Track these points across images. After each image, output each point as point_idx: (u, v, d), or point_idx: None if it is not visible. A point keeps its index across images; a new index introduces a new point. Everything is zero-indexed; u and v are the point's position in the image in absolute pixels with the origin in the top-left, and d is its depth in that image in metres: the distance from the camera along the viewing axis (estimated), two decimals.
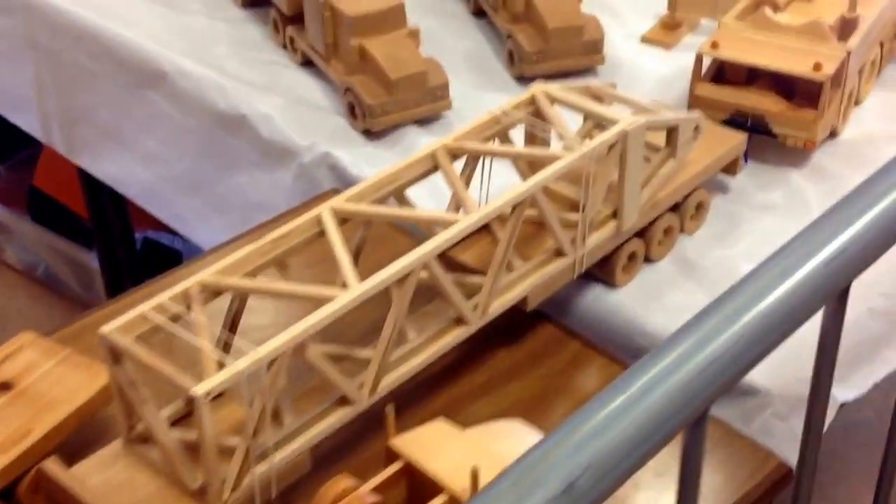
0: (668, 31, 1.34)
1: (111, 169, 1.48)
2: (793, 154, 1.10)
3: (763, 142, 1.10)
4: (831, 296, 0.64)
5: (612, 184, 0.90)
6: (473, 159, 0.88)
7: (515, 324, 0.93)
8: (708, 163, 1.01)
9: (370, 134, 1.17)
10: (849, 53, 1.06)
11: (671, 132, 0.94)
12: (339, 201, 0.78)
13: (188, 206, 1.37)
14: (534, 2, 1.23)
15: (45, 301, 2.21)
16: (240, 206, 1.30)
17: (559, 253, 0.87)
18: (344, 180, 1.14)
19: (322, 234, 0.76)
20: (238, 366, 0.64)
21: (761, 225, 1.04)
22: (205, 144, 1.31)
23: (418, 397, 0.88)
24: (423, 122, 1.19)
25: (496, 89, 1.25)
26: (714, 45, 1.09)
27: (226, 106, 1.25)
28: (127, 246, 1.75)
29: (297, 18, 1.26)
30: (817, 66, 1.04)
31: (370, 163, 1.14)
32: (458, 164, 0.90)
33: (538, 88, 0.91)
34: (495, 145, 0.89)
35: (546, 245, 0.88)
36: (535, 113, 0.90)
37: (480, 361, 0.92)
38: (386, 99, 1.14)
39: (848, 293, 0.67)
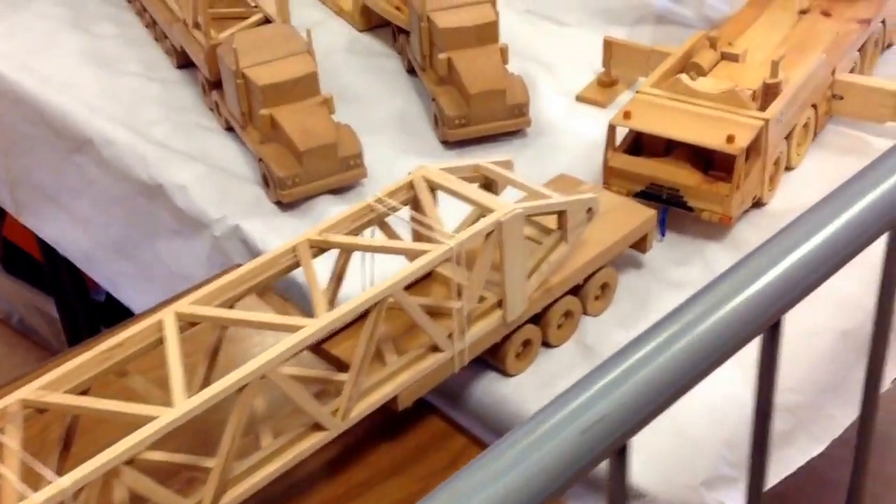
0: (603, 88, 1.30)
1: (52, 230, 1.46)
2: (712, 226, 1.06)
3: (683, 212, 1.06)
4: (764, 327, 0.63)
5: (498, 271, 0.86)
6: (346, 251, 0.85)
7: (400, 416, 0.89)
8: (614, 241, 0.97)
9: (283, 205, 1.14)
10: (766, 122, 1.02)
11: (561, 216, 0.90)
12: (185, 304, 0.75)
13: (120, 271, 1.36)
14: (456, 65, 1.20)
15: (21, 349, 2.22)
16: (165, 274, 1.27)
17: (435, 348, 0.84)
18: (255, 253, 1.12)
19: (161, 341, 0.73)
20: (35, 500, 0.61)
21: (672, 303, 0.99)
22: (131, 211, 1.29)
23: (290, 498, 0.84)
24: (338, 191, 1.16)
25: (420, 154, 1.22)
26: (626, 116, 1.05)
27: (146, 175, 1.23)
28: (82, 298, 1.74)
29: (219, 83, 1.24)
30: (730, 139, 0.99)
31: (281, 235, 1.11)
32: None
33: (418, 173, 0.88)
34: (368, 236, 0.86)
35: (421, 339, 0.84)
36: (414, 199, 0.87)
37: (361, 457, 0.88)
38: (296, 170, 1.11)
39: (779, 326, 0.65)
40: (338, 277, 0.84)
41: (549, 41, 1.42)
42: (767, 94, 1.06)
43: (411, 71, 1.35)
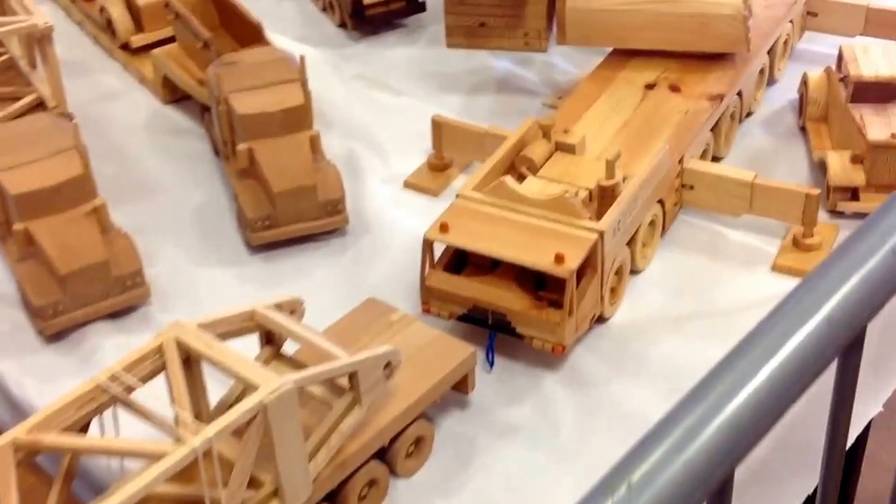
0: (434, 173, 1.15)
1: None
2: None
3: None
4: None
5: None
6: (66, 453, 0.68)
7: None
8: (427, 388, 0.82)
9: (46, 337, 0.97)
10: (601, 235, 0.88)
11: (352, 377, 0.74)
12: None
13: None
14: (258, 158, 1.03)
15: None
16: None
17: None
18: (10, 402, 0.94)
19: None
20: None
21: (500, 456, 0.85)
22: None
23: None
24: (117, 314, 0.98)
25: (220, 262, 1.05)
26: (443, 228, 0.90)
27: None
28: None
29: None
30: (559, 258, 0.85)
31: (44, 377, 0.93)
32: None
33: (169, 333, 0.71)
34: (90, 437, 0.69)
35: None
36: (161, 368, 0.70)
37: None
38: (57, 296, 0.93)
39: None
40: (63, 481, 0.67)
41: (379, 114, 1.26)
42: (604, 197, 0.93)
43: (219, 153, 1.19)
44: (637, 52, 1.15)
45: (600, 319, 0.95)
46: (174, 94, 1.26)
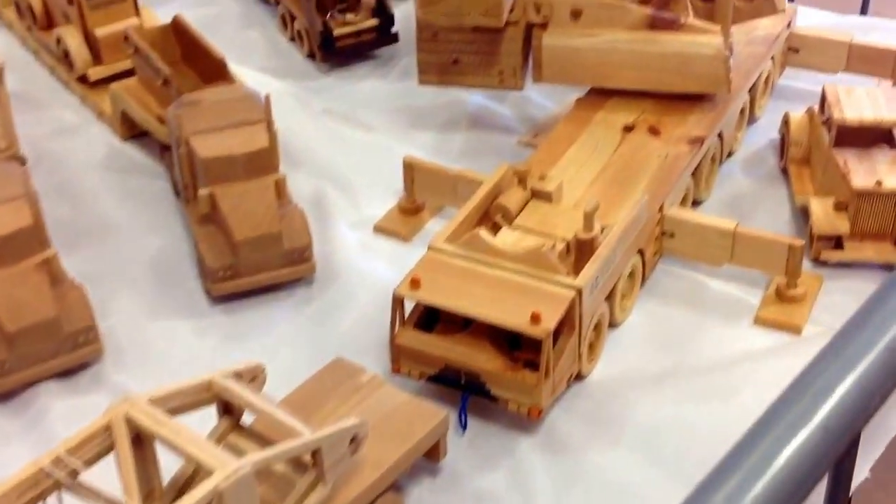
0: (406, 216, 1.11)
1: None
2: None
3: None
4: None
5: None
6: None
7: None
8: (396, 458, 0.77)
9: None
10: (579, 292, 0.84)
11: (315, 454, 0.70)
12: None
13: None
14: (220, 204, 0.99)
15: None
16: None
17: None
18: None
19: None
20: None
21: None
22: None
23: None
24: (68, 373, 0.93)
25: (179, 313, 1.00)
26: (414, 284, 0.85)
27: None
28: None
29: None
30: (535, 318, 0.81)
31: None
32: None
33: (118, 410, 0.66)
34: None
35: None
36: (109, 449, 0.65)
37: None
38: (4, 355, 0.88)
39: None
40: None
41: (348, 152, 1.22)
42: (581, 250, 0.89)
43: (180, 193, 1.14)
44: (615, 90, 1.12)
45: (578, 377, 0.91)
46: (133, 131, 1.21)
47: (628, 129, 1.07)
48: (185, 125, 1.02)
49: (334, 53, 1.34)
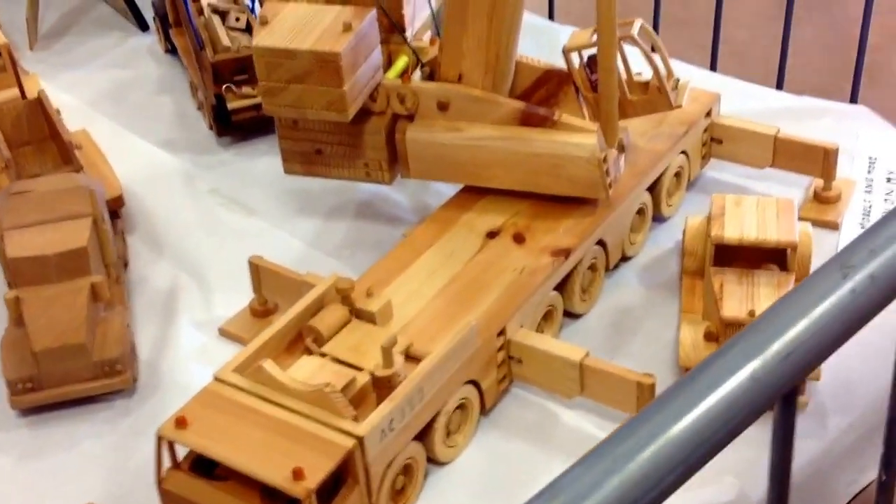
0: (256, 319, 1.02)
1: None
2: None
3: None
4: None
5: None
6: None
7: None
8: None
9: None
10: (360, 441, 0.74)
11: None
12: None
13: None
14: (25, 309, 0.91)
15: None
16: None
17: None
18: None
19: None
20: None
21: None
22: None
23: None
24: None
25: None
26: (180, 423, 0.76)
27: None
28: None
29: None
30: (297, 474, 0.71)
31: None
32: None
33: None
34: None
35: None
36: None
37: None
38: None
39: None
40: None
41: (221, 239, 1.13)
42: (380, 389, 0.79)
43: None
44: (492, 188, 1.02)
45: None
46: None
47: (492, 234, 0.97)
48: (5, 218, 0.95)
49: (231, 128, 1.27)
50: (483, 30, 0.96)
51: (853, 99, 1.44)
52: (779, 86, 1.47)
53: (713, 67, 1.50)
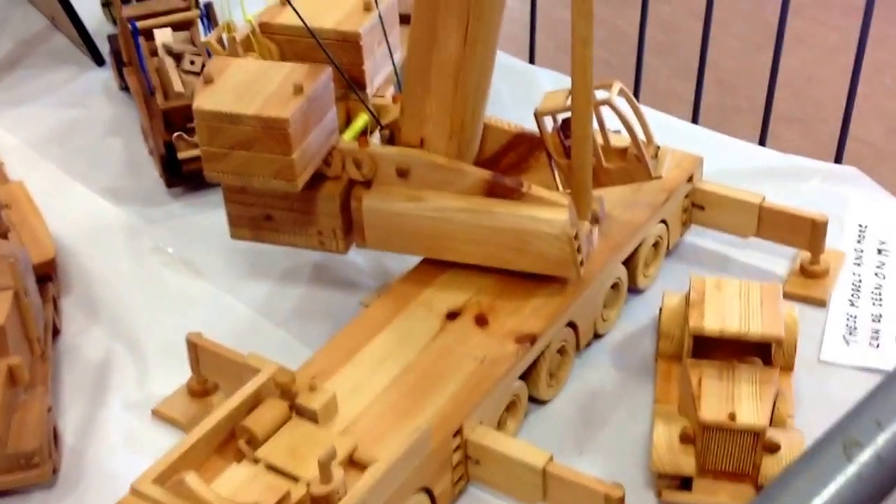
0: (195, 399, 0.93)
1: None
2: None
3: None
4: None
5: None
6: None
7: None
8: None
9: None
10: None
11: None
12: None
13: None
14: None
15: None
16: None
17: None
18: None
19: None
20: None
21: None
22: None
23: None
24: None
25: None
26: None
27: None
28: None
29: None
30: None
31: None
32: None
33: None
34: None
35: None
36: None
37: None
38: None
39: None
40: None
41: (160, 305, 1.05)
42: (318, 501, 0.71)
43: None
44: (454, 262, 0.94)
45: None
46: None
47: (452, 315, 0.90)
48: None
49: (181, 178, 1.19)
50: (448, 93, 0.89)
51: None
52: (766, 112, 1.40)
53: (697, 100, 1.43)
